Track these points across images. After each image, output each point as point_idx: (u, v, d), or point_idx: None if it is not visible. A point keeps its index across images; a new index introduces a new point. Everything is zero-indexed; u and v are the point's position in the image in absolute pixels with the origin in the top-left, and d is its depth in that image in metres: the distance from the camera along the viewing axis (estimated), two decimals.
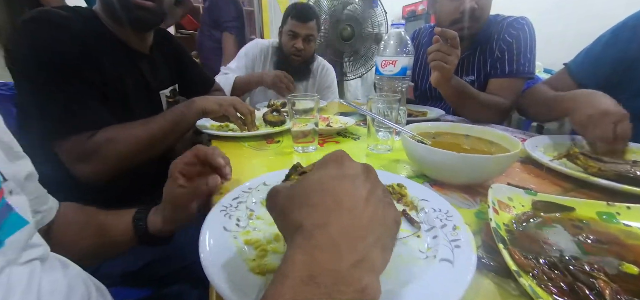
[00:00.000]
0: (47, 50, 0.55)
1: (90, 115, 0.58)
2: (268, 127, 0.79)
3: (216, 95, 1.02)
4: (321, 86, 1.45)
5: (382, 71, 0.66)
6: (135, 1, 0.61)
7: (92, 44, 0.60)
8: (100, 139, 0.57)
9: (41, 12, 0.58)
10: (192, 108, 0.68)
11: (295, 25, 1.22)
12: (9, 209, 0.29)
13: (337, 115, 0.94)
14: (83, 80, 0.58)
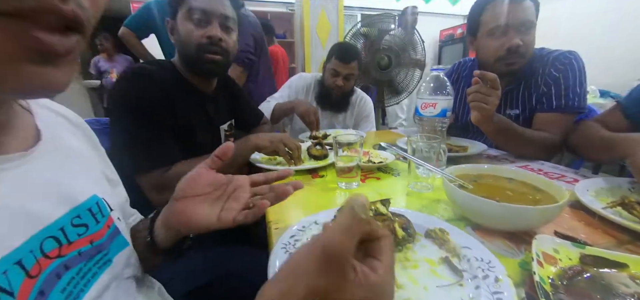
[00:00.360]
0: (134, 100, 0.69)
1: (166, 153, 0.70)
2: (312, 161, 0.86)
3: (265, 128, 1.13)
4: (359, 116, 1.52)
5: (423, 112, 0.69)
6: (207, 56, 0.74)
7: (169, 91, 0.73)
8: (173, 174, 0.68)
9: (134, 69, 0.73)
10: (248, 144, 0.78)
11: (338, 65, 1.32)
12: (116, 232, 0.38)
13: (377, 150, 0.98)
14: (162, 123, 0.71)
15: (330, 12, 2.03)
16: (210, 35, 0.73)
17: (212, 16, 0.74)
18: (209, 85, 0.86)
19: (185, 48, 0.74)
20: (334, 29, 2.06)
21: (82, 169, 0.37)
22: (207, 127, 0.86)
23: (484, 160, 0.88)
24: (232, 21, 0.78)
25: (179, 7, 0.75)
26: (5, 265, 0.24)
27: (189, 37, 0.73)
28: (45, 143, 0.32)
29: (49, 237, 0.28)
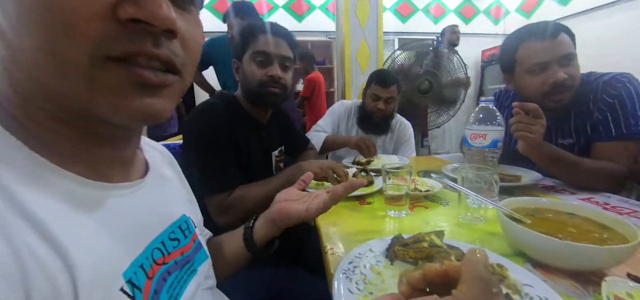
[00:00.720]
0: (204, 132, 0.81)
1: (229, 178, 0.79)
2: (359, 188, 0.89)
3: (310, 154, 1.20)
4: (399, 141, 1.55)
5: (472, 143, 0.70)
6: (269, 90, 0.85)
7: (233, 123, 0.85)
8: (235, 196, 0.77)
9: (204, 105, 0.86)
10: (300, 171, 0.84)
11: (378, 90, 1.39)
12: (200, 246, 0.45)
13: (422, 177, 0.98)
14: (226, 152, 0.81)
15: (370, 40, 2.10)
16: (271, 75, 0.85)
17: (273, 58, 0.85)
18: (265, 115, 0.98)
19: (250, 84, 0.87)
20: (374, 56, 2.12)
21: (174, 193, 0.45)
22: (262, 153, 0.97)
23: (539, 191, 0.84)
24: (289, 60, 0.89)
25: (244, 51, 0.88)
26: (135, 268, 0.30)
27: (253, 76, 0.86)
28: (151, 173, 0.40)
29: (156, 248, 0.35)
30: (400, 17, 4.27)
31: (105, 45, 0.23)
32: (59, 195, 0.25)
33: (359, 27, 2.09)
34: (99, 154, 0.30)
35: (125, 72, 0.24)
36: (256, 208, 0.77)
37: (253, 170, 0.89)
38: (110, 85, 0.24)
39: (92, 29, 0.22)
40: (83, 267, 0.24)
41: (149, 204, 0.36)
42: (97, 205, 0.28)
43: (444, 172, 1.01)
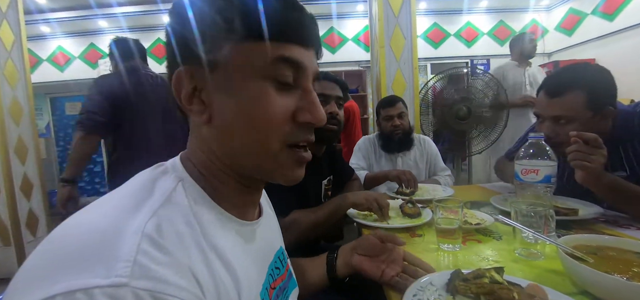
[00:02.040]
0: None
1: (285, 205, 0.87)
2: (407, 219, 0.93)
3: (355, 184, 1.26)
4: (430, 155, 1.63)
5: (524, 178, 0.72)
6: (327, 126, 0.96)
7: None
8: (289, 220, 0.85)
9: None
10: (346, 202, 0.92)
11: (388, 110, 1.54)
12: (291, 275, 0.52)
13: (470, 209, 0.99)
14: None
15: (405, 71, 2.17)
16: (330, 112, 0.97)
17: (330, 98, 0.99)
18: (320, 149, 1.07)
19: None
20: (409, 85, 2.17)
21: (275, 227, 0.54)
22: (314, 183, 1.07)
23: (601, 225, 0.81)
24: (341, 100, 1.04)
25: None
26: (264, 288, 0.39)
27: None
28: (264, 211, 0.48)
29: (269, 274, 0.43)
30: (432, 43, 4.30)
31: (288, 138, 0.34)
32: (230, 232, 0.35)
33: (394, 58, 2.17)
34: (247, 200, 0.40)
35: (294, 154, 0.36)
36: (307, 231, 0.87)
37: (307, 197, 0.99)
38: (286, 163, 0.36)
39: (282, 129, 0.34)
40: (244, 283, 0.33)
41: (266, 236, 0.45)
42: (248, 238, 0.38)
43: (493, 204, 1.00)
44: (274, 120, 0.33)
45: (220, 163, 0.35)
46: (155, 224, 0.27)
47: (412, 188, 1.26)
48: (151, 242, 0.25)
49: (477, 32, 4.31)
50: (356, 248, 0.63)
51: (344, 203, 0.92)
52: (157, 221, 0.27)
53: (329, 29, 4.28)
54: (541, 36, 4.36)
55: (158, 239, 0.26)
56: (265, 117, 0.33)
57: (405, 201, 1.01)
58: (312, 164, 1.04)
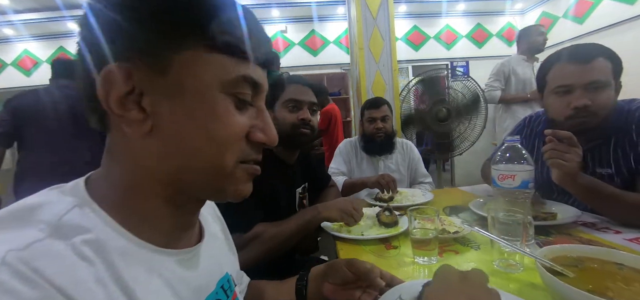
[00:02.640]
0: None
1: (246, 219, 0.80)
2: (383, 228, 0.88)
3: (332, 191, 1.20)
4: (412, 161, 1.60)
5: (501, 184, 0.68)
6: (300, 132, 0.92)
7: (262, 166, 0.87)
8: (251, 234, 0.79)
9: None
10: (318, 217, 0.86)
11: (372, 112, 1.50)
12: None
13: (449, 215, 0.95)
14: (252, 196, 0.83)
15: (385, 73, 2.14)
16: (303, 118, 0.93)
17: (302, 103, 0.95)
18: (293, 156, 1.02)
19: (282, 128, 0.93)
20: (389, 87, 2.15)
21: (221, 251, 0.47)
22: (286, 191, 1.00)
23: (579, 229, 0.79)
24: (315, 105, 1.00)
25: (276, 100, 0.96)
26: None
27: (284, 120, 0.94)
28: (206, 235, 0.41)
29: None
30: (412, 46, 4.34)
31: (240, 156, 0.33)
32: (144, 264, 0.29)
33: (374, 61, 2.14)
34: (177, 224, 0.35)
35: (246, 168, 0.35)
36: (273, 246, 0.80)
37: (277, 207, 0.92)
38: (240, 178, 0.34)
39: (238, 146, 0.33)
40: None
41: (204, 266, 0.38)
42: (169, 272, 0.32)
43: (471, 208, 0.97)
44: (232, 137, 0.32)
45: (153, 181, 0.31)
46: (18, 255, 0.21)
47: (391, 193, 1.22)
48: (13, 273, 0.20)
49: (455, 34, 4.38)
50: (327, 275, 0.56)
51: (315, 217, 0.86)
52: (22, 253, 0.22)
53: (310, 31, 4.24)
54: (516, 39, 4.49)
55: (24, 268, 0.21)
56: (224, 133, 0.31)
57: (383, 209, 0.96)
58: (284, 172, 0.97)
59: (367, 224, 0.92)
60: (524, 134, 1.14)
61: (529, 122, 1.15)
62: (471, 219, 0.95)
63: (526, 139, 1.13)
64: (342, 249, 0.79)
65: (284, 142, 0.96)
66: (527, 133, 1.13)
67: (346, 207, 0.87)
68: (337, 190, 1.24)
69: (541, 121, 1.10)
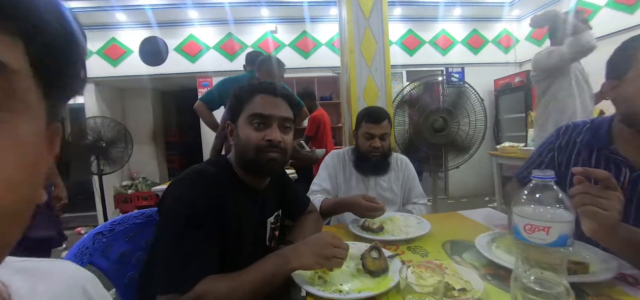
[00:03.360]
0: (175, 207, 0.66)
1: (191, 272, 0.61)
2: (368, 278, 0.69)
3: (311, 217, 1.00)
4: (407, 179, 1.39)
5: (528, 238, 0.49)
6: (266, 156, 0.74)
7: (224, 194, 0.70)
8: (191, 297, 0.58)
9: (191, 172, 0.71)
10: (285, 269, 0.66)
11: (371, 127, 1.27)
12: None
13: (450, 254, 0.77)
14: (200, 235, 0.65)
15: (377, 78, 1.96)
16: (270, 139, 0.74)
17: (271, 120, 0.75)
18: (262, 182, 0.83)
19: (245, 150, 0.75)
20: (382, 93, 1.97)
21: None
22: (255, 222, 0.81)
23: (619, 288, 0.61)
24: (289, 121, 0.79)
25: (239, 113, 0.77)
26: None
27: (248, 141, 0.74)
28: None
29: None
30: (407, 50, 4.19)
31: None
32: None
33: (365, 64, 1.96)
34: None
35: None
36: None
37: (241, 244, 0.74)
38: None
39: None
40: None
41: None
42: None
43: (478, 248, 0.79)
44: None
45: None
46: None
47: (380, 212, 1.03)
48: None
49: (451, 40, 4.25)
50: None
51: (280, 268, 0.66)
52: None
53: (302, 32, 4.06)
54: (512, 46, 4.39)
55: None
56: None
57: (369, 248, 0.77)
58: (253, 199, 0.68)
59: (348, 271, 0.73)
60: (558, 145, 0.92)
61: (565, 131, 0.92)
62: (478, 262, 0.77)
63: (560, 150, 0.91)
64: None
65: (248, 167, 0.77)
66: (561, 144, 0.91)
67: (324, 250, 0.67)
68: (316, 217, 1.04)
69: (582, 130, 0.88)
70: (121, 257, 0.84)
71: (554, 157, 0.93)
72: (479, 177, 4.23)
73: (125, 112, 4.63)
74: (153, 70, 3.91)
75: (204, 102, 2.06)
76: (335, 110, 4.02)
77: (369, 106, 1.45)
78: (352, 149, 1.42)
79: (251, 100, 0.77)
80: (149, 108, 4.71)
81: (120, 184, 4.36)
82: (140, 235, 0.91)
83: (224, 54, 4.01)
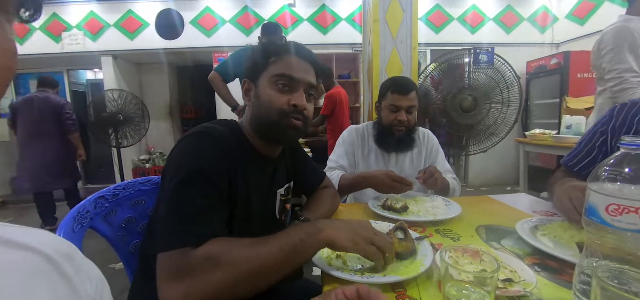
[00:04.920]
0: (186, 159, 0.59)
1: (201, 226, 0.52)
2: (394, 261, 0.60)
3: (326, 193, 0.92)
4: (430, 153, 1.29)
5: (611, 222, 0.38)
6: (290, 122, 0.67)
7: (235, 156, 0.63)
8: (200, 255, 0.49)
9: (201, 127, 0.64)
10: (318, 238, 0.54)
11: (397, 99, 1.17)
12: None
13: (486, 240, 0.66)
14: (211, 191, 0.57)
15: (403, 51, 1.81)
16: (296, 104, 0.67)
17: (299, 84, 0.68)
18: (275, 150, 0.75)
19: (266, 112, 0.67)
20: (407, 69, 1.82)
21: None
22: (265, 193, 0.74)
23: None
24: (314, 89, 0.72)
25: (262, 71, 0.69)
26: None
27: (271, 102, 0.67)
28: None
29: None
30: (433, 27, 3.93)
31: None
32: None
33: (390, 36, 1.81)
34: None
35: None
36: (238, 282, 0.49)
37: (252, 213, 0.67)
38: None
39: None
40: None
41: None
42: None
43: (520, 234, 0.68)
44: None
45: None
46: None
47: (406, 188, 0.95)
48: None
49: (482, 16, 3.94)
50: None
51: (316, 235, 0.54)
52: None
53: (321, 6, 3.88)
54: (550, 24, 4.03)
55: None
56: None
57: (394, 228, 0.68)
58: (263, 167, 0.71)
59: None
60: (611, 126, 0.84)
61: (619, 111, 0.83)
62: (521, 250, 0.66)
63: (613, 132, 0.83)
64: None
65: (265, 132, 0.69)
66: (616, 126, 0.82)
67: (365, 232, 0.55)
68: (333, 192, 0.95)
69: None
70: (126, 223, 0.80)
71: (606, 140, 0.84)
72: (501, 166, 4.02)
73: (143, 87, 4.68)
74: (169, 44, 3.88)
75: (219, 73, 2.03)
76: (353, 90, 3.87)
77: (396, 76, 1.32)
78: (373, 123, 1.31)
79: (279, 59, 0.68)
80: (165, 83, 4.72)
81: (138, 158, 4.46)
82: (147, 203, 0.87)
83: (239, 27, 3.91)
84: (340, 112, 2.66)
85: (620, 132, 0.81)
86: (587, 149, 0.88)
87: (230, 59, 2.06)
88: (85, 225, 0.68)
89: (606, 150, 0.84)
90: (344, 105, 2.71)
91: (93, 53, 3.95)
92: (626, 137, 0.40)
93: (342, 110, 2.67)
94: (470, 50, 3.97)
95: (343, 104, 2.68)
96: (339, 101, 2.64)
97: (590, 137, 0.89)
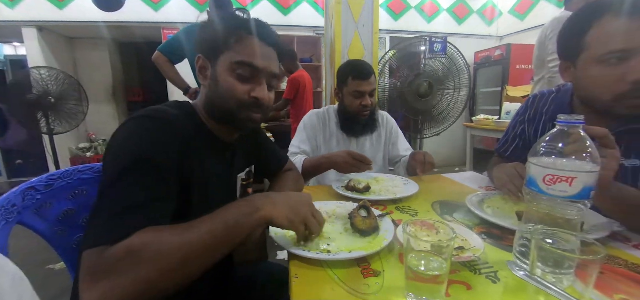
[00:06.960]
0: (127, 145, 0.52)
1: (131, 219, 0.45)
2: (358, 237, 0.62)
3: (289, 176, 0.91)
4: (389, 134, 1.34)
5: (547, 190, 0.43)
6: (248, 114, 0.64)
7: (184, 139, 0.57)
8: (119, 252, 0.42)
9: (150, 109, 0.57)
10: (255, 217, 0.52)
11: (359, 84, 1.19)
12: None
13: (440, 214, 0.72)
14: (159, 177, 0.51)
15: (364, 36, 1.83)
16: (256, 96, 0.63)
17: (261, 74, 0.63)
18: (232, 134, 0.71)
19: (223, 101, 0.63)
20: (368, 54, 1.86)
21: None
22: (223, 178, 0.70)
23: (610, 245, 0.59)
24: (275, 79, 0.68)
25: (221, 51, 0.62)
26: None
27: (230, 92, 0.62)
28: None
29: None
30: (392, 14, 4.04)
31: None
32: None
33: (352, 19, 1.81)
34: None
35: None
36: (163, 272, 0.43)
37: (209, 201, 0.61)
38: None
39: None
40: None
41: None
42: None
43: (469, 207, 0.75)
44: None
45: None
46: None
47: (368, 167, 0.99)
48: None
49: (437, 6, 4.15)
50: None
51: (252, 215, 0.51)
52: None
53: None
54: (495, 18, 4.39)
55: None
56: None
57: (357, 206, 0.70)
58: (220, 152, 0.66)
59: (335, 229, 0.65)
60: (527, 117, 0.94)
61: (533, 102, 0.94)
62: (470, 221, 0.73)
63: (529, 122, 0.93)
64: (297, 274, 0.52)
65: (220, 118, 0.65)
66: (530, 115, 0.93)
67: (301, 208, 0.56)
68: (296, 175, 0.95)
69: (548, 100, 0.89)
70: (64, 217, 0.70)
71: (524, 129, 0.95)
72: (451, 148, 4.36)
73: (77, 65, 4.12)
74: (109, 16, 3.44)
75: (163, 53, 1.83)
76: (314, 74, 3.85)
77: (352, 59, 1.33)
78: (335, 108, 1.31)
79: (240, 39, 0.61)
80: (106, 61, 4.22)
81: (76, 147, 3.97)
82: (89, 192, 0.77)
83: (192, 2, 3.61)
84: (303, 96, 2.64)
85: (533, 120, 0.92)
86: (510, 136, 1.00)
87: (177, 37, 1.87)
88: (11, 221, 0.58)
89: (526, 138, 0.95)
90: (308, 89, 2.69)
91: (11, 23, 3.35)
92: (562, 115, 0.45)
93: (304, 95, 2.65)
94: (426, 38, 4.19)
95: (307, 88, 2.66)
96: (302, 84, 2.61)
97: (512, 126, 1.00)
